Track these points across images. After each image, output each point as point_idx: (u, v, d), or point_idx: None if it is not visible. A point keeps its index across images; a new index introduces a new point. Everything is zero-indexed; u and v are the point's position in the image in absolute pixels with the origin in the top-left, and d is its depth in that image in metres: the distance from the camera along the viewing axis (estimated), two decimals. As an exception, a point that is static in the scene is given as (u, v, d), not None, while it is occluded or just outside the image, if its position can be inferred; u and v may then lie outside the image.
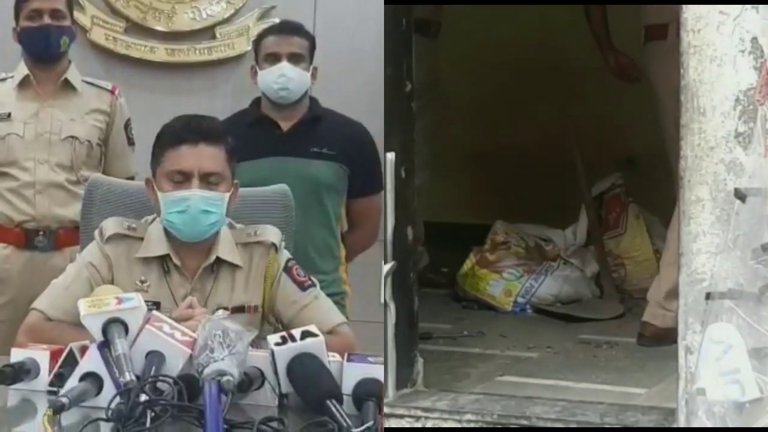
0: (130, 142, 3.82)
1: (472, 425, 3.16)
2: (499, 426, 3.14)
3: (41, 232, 3.63)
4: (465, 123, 5.52)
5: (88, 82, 3.79)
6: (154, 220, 2.84)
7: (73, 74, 3.75)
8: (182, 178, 2.73)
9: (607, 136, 5.27)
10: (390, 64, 3.31)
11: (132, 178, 3.62)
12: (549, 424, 3.13)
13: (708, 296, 2.86)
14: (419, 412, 3.21)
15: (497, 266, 4.63)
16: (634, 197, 4.85)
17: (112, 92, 3.80)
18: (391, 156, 3.26)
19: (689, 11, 2.97)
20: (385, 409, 3.22)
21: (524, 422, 3.14)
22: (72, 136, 3.67)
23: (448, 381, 3.52)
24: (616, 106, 5.29)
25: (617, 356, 3.92)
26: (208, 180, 2.73)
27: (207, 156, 2.74)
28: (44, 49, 3.67)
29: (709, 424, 2.85)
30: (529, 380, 3.58)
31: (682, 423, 2.95)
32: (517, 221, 4.87)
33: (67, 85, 3.73)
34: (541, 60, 5.42)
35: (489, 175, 5.59)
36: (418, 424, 3.19)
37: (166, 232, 2.79)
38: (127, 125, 3.82)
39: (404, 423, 3.19)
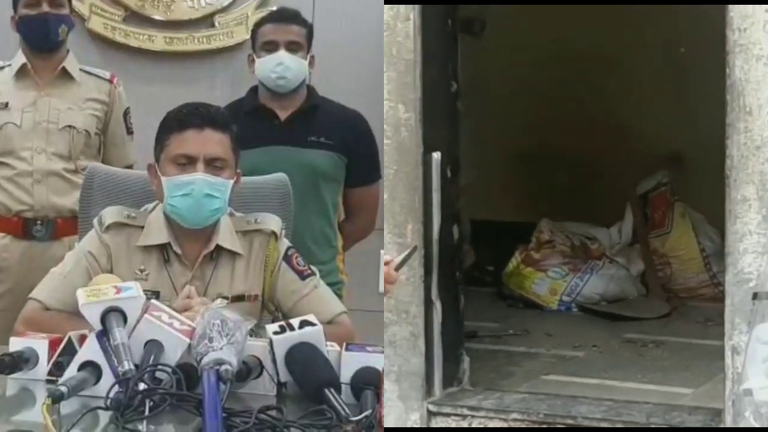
0: (129, 131, 3.82)
1: (517, 424, 3.16)
2: (545, 425, 3.13)
3: (39, 222, 3.63)
4: (511, 122, 5.52)
5: (86, 71, 3.78)
6: (154, 208, 2.84)
7: (71, 63, 3.74)
8: (187, 162, 2.72)
9: (652, 134, 5.26)
10: (435, 64, 3.28)
11: (131, 167, 3.62)
12: (594, 424, 3.13)
13: (755, 296, 2.86)
14: (465, 411, 3.22)
15: (542, 265, 4.63)
16: (680, 195, 4.84)
17: (110, 81, 3.79)
18: (436, 156, 3.24)
19: (735, 10, 2.94)
20: (431, 408, 3.23)
21: (570, 422, 3.14)
22: (70, 126, 3.66)
23: (494, 380, 3.52)
24: (661, 103, 5.28)
25: (663, 355, 3.91)
26: (212, 165, 2.73)
27: (212, 141, 2.73)
28: (42, 37, 3.66)
29: (756, 425, 2.83)
30: (574, 379, 3.58)
31: (728, 423, 2.95)
32: (562, 220, 4.86)
33: (65, 74, 3.72)
34: (586, 58, 5.42)
35: (535, 173, 5.59)
36: (464, 423, 3.19)
37: (167, 221, 2.79)
38: (126, 114, 3.81)
39: (450, 422, 3.20)
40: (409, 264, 3.02)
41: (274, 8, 4.30)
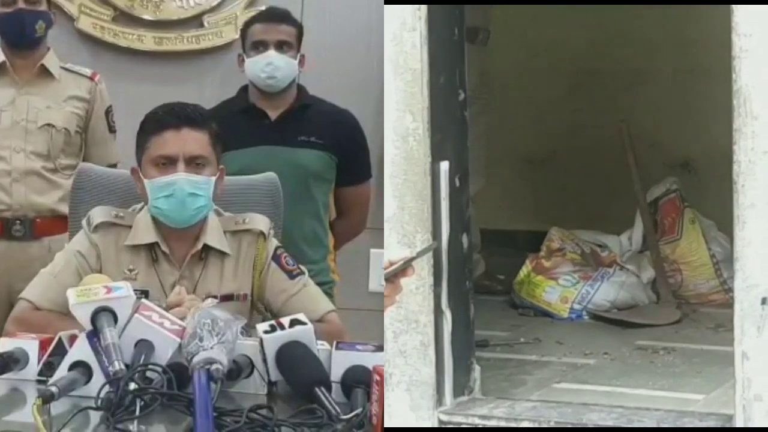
0: (112, 129, 3.78)
1: None
2: None
3: (18, 221, 3.60)
4: (520, 129, 5.51)
5: (66, 69, 3.74)
6: (141, 208, 2.84)
7: (51, 60, 3.71)
8: (167, 163, 2.73)
9: (661, 140, 5.27)
10: (443, 72, 3.29)
11: (114, 166, 3.58)
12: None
13: (764, 301, 2.86)
14: (476, 420, 3.21)
15: (553, 273, 4.61)
16: (690, 202, 4.85)
17: (91, 78, 3.76)
18: (445, 165, 3.24)
19: (740, 14, 2.93)
20: (443, 417, 3.22)
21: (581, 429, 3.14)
22: (49, 124, 3.63)
23: (505, 388, 3.51)
24: (670, 109, 5.28)
25: (674, 362, 3.89)
26: (193, 163, 2.73)
27: (191, 140, 2.74)
28: (19, 34, 3.64)
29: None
30: (585, 387, 3.57)
31: (739, 429, 2.95)
32: (572, 227, 4.86)
33: (45, 72, 3.69)
34: (594, 63, 5.42)
35: (544, 181, 5.58)
36: None
37: (154, 220, 2.79)
38: (108, 112, 3.78)
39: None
40: (418, 273, 3.01)
41: (263, 8, 4.30)
